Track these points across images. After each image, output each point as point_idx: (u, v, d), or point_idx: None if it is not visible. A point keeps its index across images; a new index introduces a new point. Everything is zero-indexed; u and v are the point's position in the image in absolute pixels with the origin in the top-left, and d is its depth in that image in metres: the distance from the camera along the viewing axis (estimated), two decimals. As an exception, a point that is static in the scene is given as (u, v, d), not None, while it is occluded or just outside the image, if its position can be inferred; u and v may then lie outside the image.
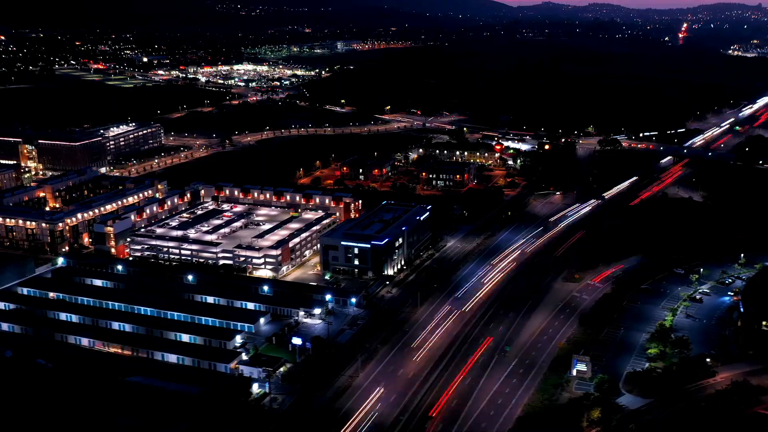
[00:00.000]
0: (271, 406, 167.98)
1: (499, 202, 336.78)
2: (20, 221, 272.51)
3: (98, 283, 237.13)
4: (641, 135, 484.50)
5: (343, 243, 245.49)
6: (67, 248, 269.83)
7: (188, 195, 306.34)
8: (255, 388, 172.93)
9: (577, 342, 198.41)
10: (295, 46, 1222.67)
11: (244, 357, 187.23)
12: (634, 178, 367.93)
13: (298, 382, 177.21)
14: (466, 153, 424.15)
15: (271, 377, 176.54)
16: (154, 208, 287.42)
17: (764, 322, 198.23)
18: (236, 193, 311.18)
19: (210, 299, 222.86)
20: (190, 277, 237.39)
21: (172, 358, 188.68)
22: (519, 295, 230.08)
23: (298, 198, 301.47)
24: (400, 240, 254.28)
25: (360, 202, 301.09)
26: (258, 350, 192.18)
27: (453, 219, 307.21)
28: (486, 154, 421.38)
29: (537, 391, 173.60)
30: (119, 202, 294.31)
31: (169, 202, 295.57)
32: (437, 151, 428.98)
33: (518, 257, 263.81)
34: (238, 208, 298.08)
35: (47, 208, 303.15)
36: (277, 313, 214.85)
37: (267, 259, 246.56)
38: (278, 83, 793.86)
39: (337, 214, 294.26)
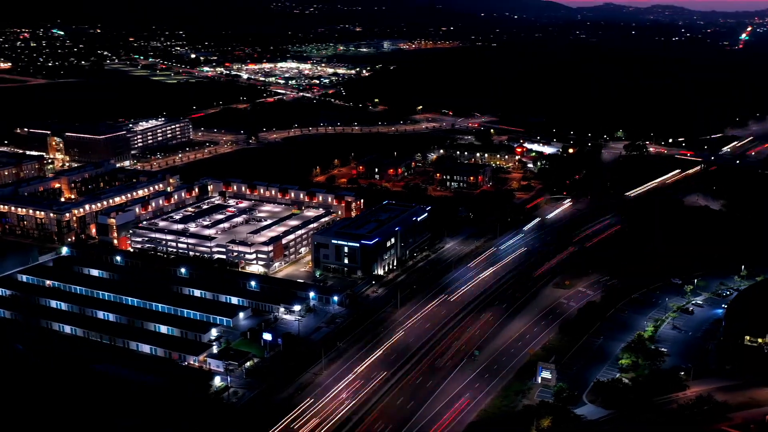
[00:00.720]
0: (229, 399, 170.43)
1: (508, 205, 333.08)
2: (30, 211, 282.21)
3: (95, 273, 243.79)
4: (671, 140, 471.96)
5: (333, 241, 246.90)
6: (73, 238, 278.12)
7: (196, 189, 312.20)
8: (217, 381, 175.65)
9: (552, 349, 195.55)
10: (341, 44, 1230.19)
11: (215, 350, 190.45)
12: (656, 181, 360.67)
13: (262, 377, 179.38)
14: (486, 155, 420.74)
15: (234, 371, 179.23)
16: (160, 202, 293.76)
17: (747, 337, 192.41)
18: (243, 189, 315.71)
19: (197, 292, 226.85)
20: (182, 270, 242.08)
21: (145, 348, 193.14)
22: (504, 299, 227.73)
23: (302, 195, 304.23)
24: (392, 240, 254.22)
25: (362, 201, 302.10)
26: (230, 344, 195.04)
27: (457, 221, 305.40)
28: (506, 157, 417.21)
29: (497, 397, 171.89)
30: (128, 195, 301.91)
31: (176, 196, 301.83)
32: (458, 152, 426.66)
33: (513, 261, 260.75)
34: (243, 204, 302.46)
35: (62, 199, 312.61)
36: (258, 309, 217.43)
37: (259, 255, 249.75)
38: (317, 81, 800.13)
39: (339, 212, 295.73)
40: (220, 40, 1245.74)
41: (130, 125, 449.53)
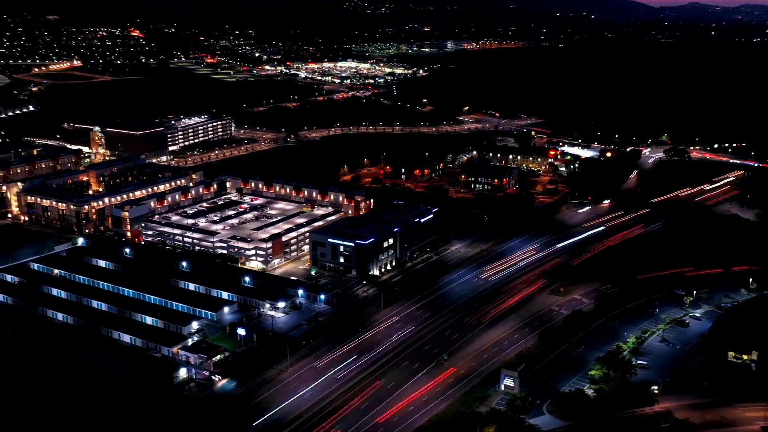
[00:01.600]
0: (190, 391, 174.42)
1: (528, 208, 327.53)
2: (53, 202, 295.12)
3: (102, 263, 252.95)
4: (716, 146, 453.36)
5: (329, 240, 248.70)
6: (92, 229, 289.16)
7: (215, 186, 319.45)
8: (182, 373, 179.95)
9: (527, 357, 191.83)
10: (405, 44, 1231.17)
11: (190, 342, 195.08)
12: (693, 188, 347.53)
13: (229, 371, 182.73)
14: (519, 157, 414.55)
15: (203, 364, 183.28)
16: (177, 197, 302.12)
17: (731, 353, 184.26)
18: (260, 186, 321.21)
19: (192, 286, 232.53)
20: (184, 264, 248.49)
21: (126, 338, 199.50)
22: (494, 303, 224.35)
23: (314, 194, 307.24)
24: (391, 241, 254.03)
25: (371, 201, 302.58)
26: (206, 338, 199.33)
27: (471, 223, 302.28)
28: (539, 159, 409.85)
29: (455, 403, 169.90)
30: (148, 189, 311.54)
31: (193, 192, 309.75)
32: (490, 154, 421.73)
33: (513, 266, 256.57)
34: (258, 201, 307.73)
35: (90, 192, 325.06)
36: (246, 304, 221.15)
37: (258, 251, 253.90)
38: (372, 81, 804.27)
39: (349, 211, 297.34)
40: (288, 40, 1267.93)
41: (173, 122, 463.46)
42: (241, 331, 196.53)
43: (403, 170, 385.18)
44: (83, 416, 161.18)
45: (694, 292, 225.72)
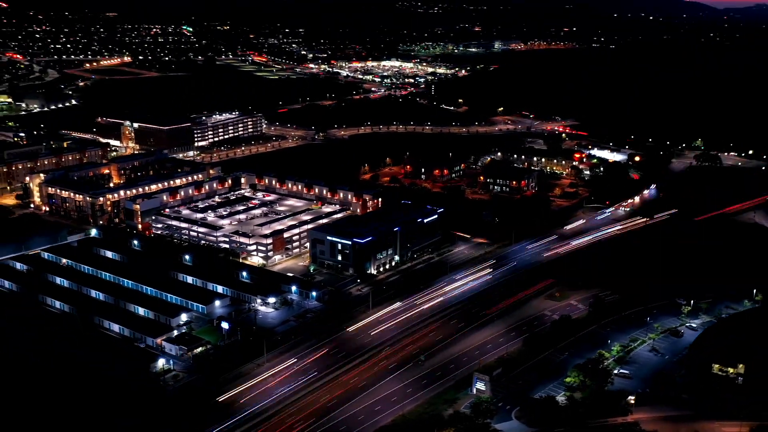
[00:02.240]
0: (166, 382, 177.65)
1: (543, 211, 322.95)
2: (71, 194, 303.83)
3: (109, 254, 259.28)
4: (751, 152, 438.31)
5: (328, 238, 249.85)
6: (106, 221, 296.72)
7: (229, 181, 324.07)
8: (160, 363, 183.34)
9: (508, 361, 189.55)
10: (452, 44, 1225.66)
11: (175, 334, 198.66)
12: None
13: (208, 363, 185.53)
14: (543, 159, 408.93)
15: (183, 356, 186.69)
16: (190, 191, 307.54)
17: (716, 366, 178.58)
18: (274, 182, 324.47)
19: (189, 279, 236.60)
20: (186, 257, 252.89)
21: (115, 327, 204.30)
22: (486, 306, 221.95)
23: (325, 191, 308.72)
24: (390, 240, 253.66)
25: (379, 200, 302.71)
26: (193, 330, 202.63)
27: (481, 224, 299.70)
28: (563, 162, 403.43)
29: (424, 404, 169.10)
30: (164, 183, 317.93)
31: (207, 186, 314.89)
32: (514, 156, 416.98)
33: (511, 268, 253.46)
34: (269, 197, 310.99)
35: (111, 184, 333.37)
36: (239, 299, 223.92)
37: (259, 247, 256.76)
38: (412, 80, 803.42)
39: (358, 210, 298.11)
40: (336, 38, 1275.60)
41: (203, 118, 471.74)
42: (225, 325, 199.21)
43: (423, 170, 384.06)
44: (45, 402, 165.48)
45: (692, 301, 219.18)
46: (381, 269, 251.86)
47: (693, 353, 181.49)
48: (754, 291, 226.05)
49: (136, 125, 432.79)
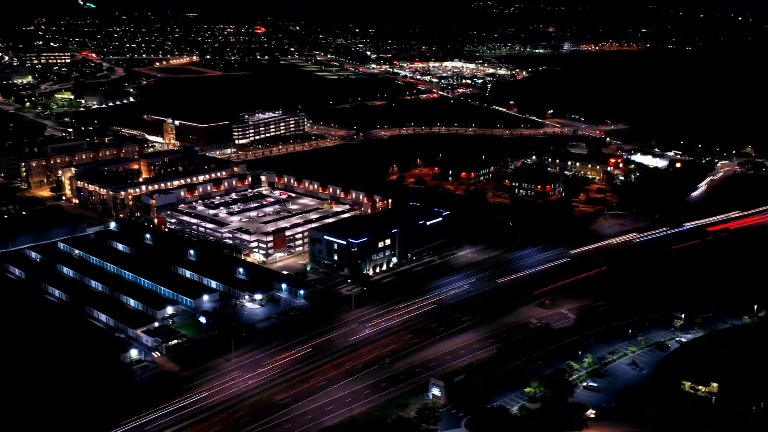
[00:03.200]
0: (135, 372, 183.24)
1: (563, 216, 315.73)
2: (97, 188, 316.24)
3: (120, 247, 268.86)
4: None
5: (325, 237, 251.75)
6: (127, 215, 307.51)
7: (249, 179, 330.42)
8: (133, 354, 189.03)
9: (477, 368, 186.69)
10: (519, 45, 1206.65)
11: (156, 325, 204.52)
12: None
13: (180, 356, 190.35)
14: (578, 164, 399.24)
15: (157, 347, 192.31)
16: (208, 187, 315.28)
17: (687, 383, 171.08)
18: (292, 181, 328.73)
19: (188, 273, 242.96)
20: (191, 252, 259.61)
21: (102, 317, 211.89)
22: (471, 312, 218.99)
23: (338, 191, 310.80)
24: (388, 241, 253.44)
25: (389, 201, 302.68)
26: (174, 324, 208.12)
27: (494, 229, 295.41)
28: (597, 167, 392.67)
29: (376, 407, 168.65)
30: (187, 179, 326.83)
31: (226, 183, 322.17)
32: (549, 159, 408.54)
33: (512, 274, 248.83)
34: (284, 196, 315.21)
35: (140, 179, 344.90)
36: (229, 294, 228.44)
37: (259, 244, 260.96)
38: (470, 82, 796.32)
39: (369, 210, 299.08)
40: (404, 39, 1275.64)
41: (246, 116, 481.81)
42: (202, 319, 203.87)
43: (450, 172, 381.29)
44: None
45: (683, 314, 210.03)
46: (377, 270, 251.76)
47: (662, 368, 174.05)
48: (755, 306, 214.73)
49: (177, 123, 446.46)
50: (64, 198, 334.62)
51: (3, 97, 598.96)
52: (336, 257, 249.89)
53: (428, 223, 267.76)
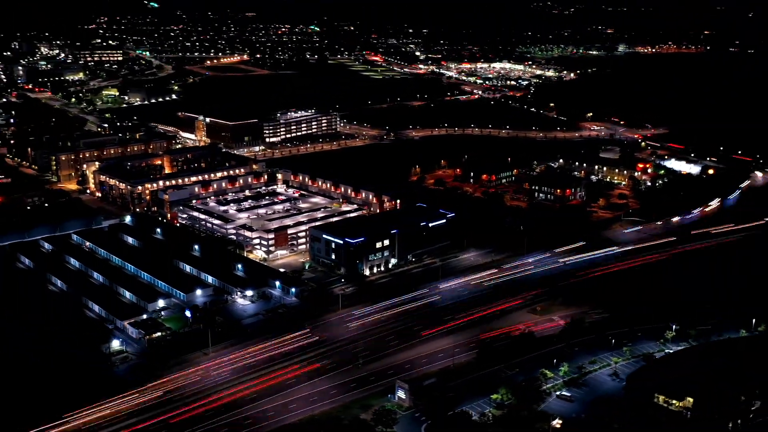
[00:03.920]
0: (114, 363, 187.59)
1: (578, 222, 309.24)
2: (117, 182, 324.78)
3: (130, 241, 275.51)
4: None
5: (324, 236, 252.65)
6: (143, 209, 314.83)
7: (265, 176, 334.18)
8: (115, 344, 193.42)
9: (452, 372, 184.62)
10: (572, 46, 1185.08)
11: (145, 317, 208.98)
12: None
13: (159, 349, 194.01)
14: (605, 168, 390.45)
15: (140, 339, 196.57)
16: (223, 184, 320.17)
17: (661, 397, 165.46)
18: (307, 180, 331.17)
19: (187, 268, 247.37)
20: (196, 247, 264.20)
21: (96, 308, 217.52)
22: (459, 314, 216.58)
23: (349, 191, 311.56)
24: (386, 242, 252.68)
25: (397, 201, 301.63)
26: (161, 317, 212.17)
27: (502, 232, 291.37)
28: (624, 172, 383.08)
29: (340, 407, 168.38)
30: (204, 176, 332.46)
31: (241, 181, 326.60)
32: (575, 164, 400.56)
33: (510, 278, 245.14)
34: (296, 194, 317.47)
35: (161, 175, 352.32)
36: (223, 289, 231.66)
37: (261, 241, 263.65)
38: (515, 83, 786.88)
39: (377, 210, 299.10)
40: (456, 39, 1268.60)
41: (278, 115, 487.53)
42: (188, 313, 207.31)
43: (471, 174, 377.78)
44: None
45: (673, 326, 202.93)
46: (375, 270, 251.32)
47: (635, 380, 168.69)
48: (753, 320, 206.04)
49: (208, 120, 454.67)
50: (88, 191, 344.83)
51: (52, 92, 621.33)
52: (333, 256, 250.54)
53: (431, 224, 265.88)
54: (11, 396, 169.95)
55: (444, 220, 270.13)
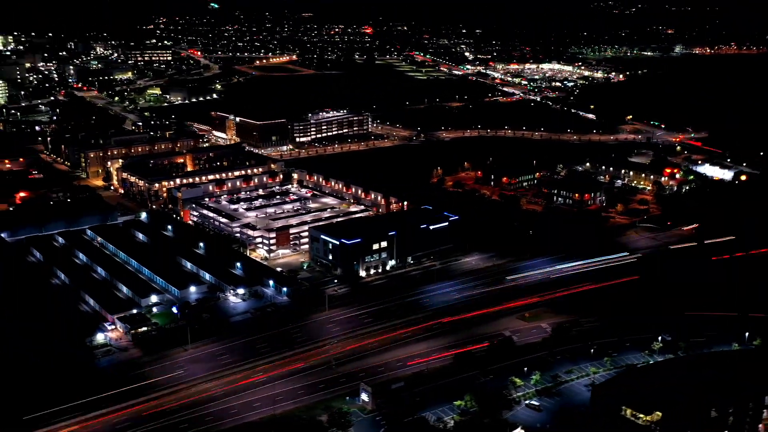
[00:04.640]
0: (96, 356, 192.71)
1: (592, 227, 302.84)
2: (136, 179, 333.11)
3: (140, 237, 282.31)
4: None
5: (322, 236, 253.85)
6: (159, 206, 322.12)
7: (280, 176, 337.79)
8: (100, 338, 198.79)
9: (424, 376, 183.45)
10: (626, 46, 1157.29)
11: (134, 312, 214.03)
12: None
13: (142, 343, 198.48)
14: (631, 173, 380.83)
15: (127, 334, 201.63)
16: (238, 183, 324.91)
17: (629, 410, 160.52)
18: (321, 180, 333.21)
19: (189, 265, 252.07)
20: (201, 244, 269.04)
21: (91, 301, 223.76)
22: (446, 318, 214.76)
23: (360, 192, 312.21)
24: (384, 243, 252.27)
25: (405, 203, 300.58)
26: (150, 311, 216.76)
27: (511, 235, 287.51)
28: (651, 177, 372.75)
29: (303, 407, 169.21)
30: (222, 174, 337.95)
31: (256, 180, 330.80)
32: (603, 168, 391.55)
33: (508, 284, 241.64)
34: (308, 194, 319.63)
35: (182, 173, 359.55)
36: (218, 286, 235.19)
37: (263, 240, 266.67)
38: (560, 85, 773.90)
39: (384, 211, 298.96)
40: (509, 40, 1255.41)
41: (309, 115, 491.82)
42: (174, 310, 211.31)
43: (492, 176, 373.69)
44: None
45: (660, 337, 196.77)
46: (371, 272, 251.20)
47: (602, 391, 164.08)
48: (746, 334, 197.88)
49: (237, 119, 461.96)
50: (112, 188, 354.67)
51: (98, 91, 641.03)
52: (330, 257, 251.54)
53: (432, 227, 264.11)
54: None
55: (446, 223, 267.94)
